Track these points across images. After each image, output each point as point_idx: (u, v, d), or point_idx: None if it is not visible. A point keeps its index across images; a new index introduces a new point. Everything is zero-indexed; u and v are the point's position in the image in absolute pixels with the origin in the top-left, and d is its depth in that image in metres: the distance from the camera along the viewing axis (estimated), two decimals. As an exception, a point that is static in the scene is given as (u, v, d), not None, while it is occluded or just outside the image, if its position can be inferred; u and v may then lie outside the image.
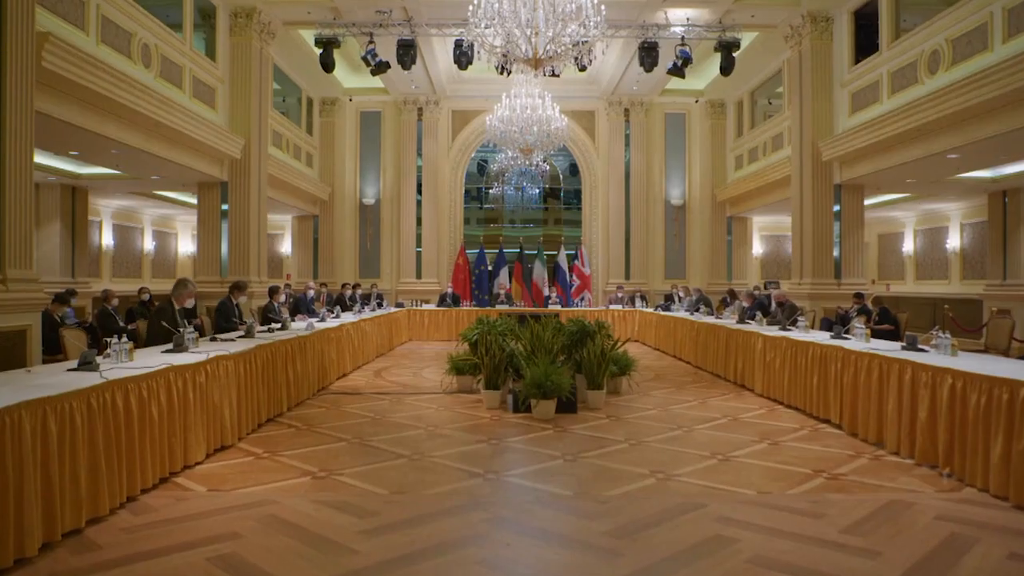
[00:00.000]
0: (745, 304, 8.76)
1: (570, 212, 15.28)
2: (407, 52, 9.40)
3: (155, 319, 5.16)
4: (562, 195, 15.32)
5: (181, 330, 4.80)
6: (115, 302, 8.03)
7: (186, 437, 3.96)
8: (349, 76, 13.41)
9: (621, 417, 5.45)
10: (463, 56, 9.29)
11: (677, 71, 9.72)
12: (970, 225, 12.15)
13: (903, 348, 4.84)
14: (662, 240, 14.52)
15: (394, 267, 14.24)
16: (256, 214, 9.61)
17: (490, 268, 14.01)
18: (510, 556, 2.83)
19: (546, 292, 13.37)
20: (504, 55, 5.74)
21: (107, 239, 12.67)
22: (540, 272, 13.69)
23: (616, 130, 14.08)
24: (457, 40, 9.38)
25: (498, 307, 12.12)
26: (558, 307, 12.36)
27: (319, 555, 2.83)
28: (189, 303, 5.31)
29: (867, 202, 10.83)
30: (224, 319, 6.45)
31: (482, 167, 15.04)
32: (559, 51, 5.66)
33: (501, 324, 6.20)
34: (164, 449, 3.77)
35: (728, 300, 10.50)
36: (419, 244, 14.09)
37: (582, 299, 13.51)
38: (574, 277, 13.79)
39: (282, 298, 8.22)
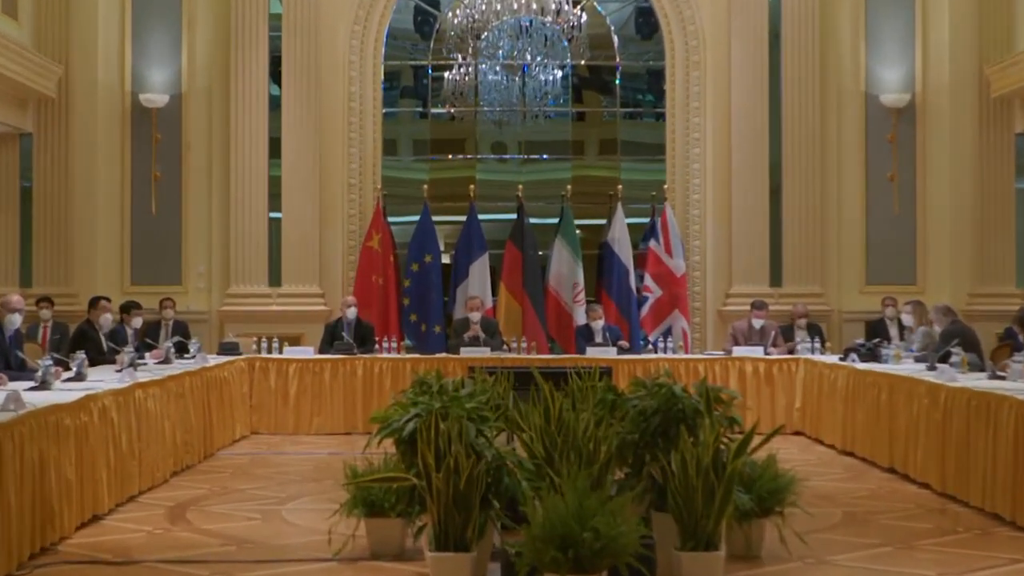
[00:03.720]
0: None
1: (635, 126, 14.94)
2: None
3: None
4: (618, 85, 14.78)
5: None
6: None
7: None
8: None
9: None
10: None
11: None
12: None
13: None
14: (860, 191, 13.93)
15: (216, 260, 13.83)
16: None
17: (446, 260, 14.05)
18: None
19: (579, 318, 13.09)
20: None
21: None
22: (568, 267, 13.50)
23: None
24: None
25: (466, 352, 11.88)
26: (610, 353, 11.95)
27: None
28: None
29: None
30: None
31: (425, 19, 14.78)
32: None
33: (472, 395, 6.27)
34: None
35: (1020, 335, 10.28)
36: (276, 205, 13.63)
37: (667, 334, 13.17)
38: (648, 281, 13.55)
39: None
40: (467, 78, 14.13)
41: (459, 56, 13.91)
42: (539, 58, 13.59)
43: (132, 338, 10.99)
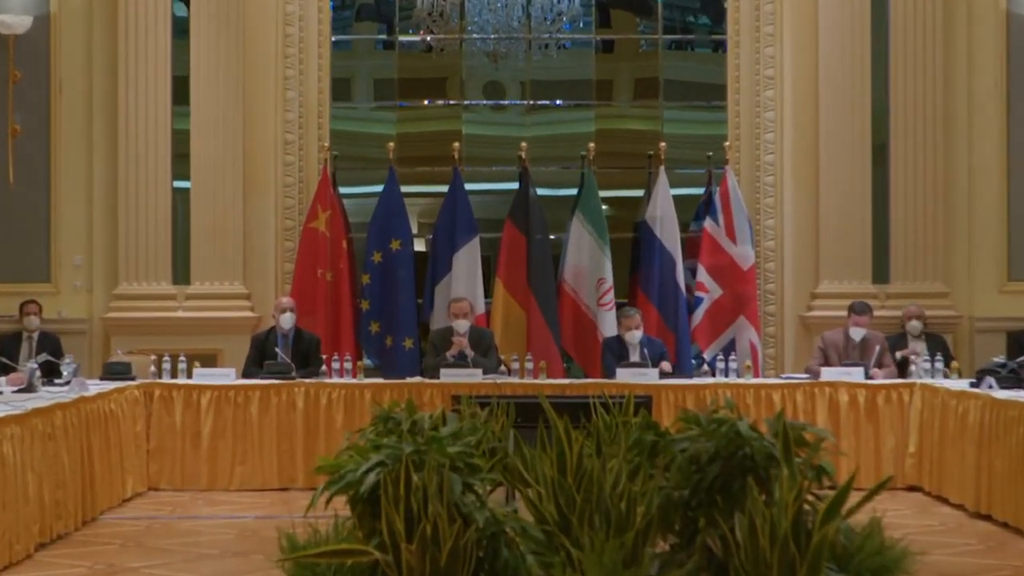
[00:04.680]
0: None
1: (684, 60, 14.80)
2: None
3: None
4: (659, 4, 14.27)
5: None
6: None
7: None
8: None
9: None
10: None
11: None
12: None
13: None
14: (999, 152, 12.91)
15: (100, 249, 13.23)
16: None
17: (421, 247, 13.81)
18: None
19: (606, 327, 12.79)
20: None
21: None
22: (591, 256, 13.08)
23: None
24: None
25: (448, 375, 11.67)
26: (649, 376, 11.62)
27: None
28: None
29: None
30: None
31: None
32: None
33: (457, 435, 5.84)
34: None
35: None
36: (183, 170, 12.97)
37: (729, 350, 12.57)
38: (703, 276, 12.95)
39: None
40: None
41: (441, -33, 12.86)
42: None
43: (-22, 359, 10.69)
